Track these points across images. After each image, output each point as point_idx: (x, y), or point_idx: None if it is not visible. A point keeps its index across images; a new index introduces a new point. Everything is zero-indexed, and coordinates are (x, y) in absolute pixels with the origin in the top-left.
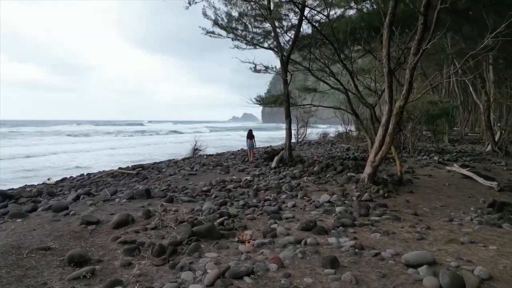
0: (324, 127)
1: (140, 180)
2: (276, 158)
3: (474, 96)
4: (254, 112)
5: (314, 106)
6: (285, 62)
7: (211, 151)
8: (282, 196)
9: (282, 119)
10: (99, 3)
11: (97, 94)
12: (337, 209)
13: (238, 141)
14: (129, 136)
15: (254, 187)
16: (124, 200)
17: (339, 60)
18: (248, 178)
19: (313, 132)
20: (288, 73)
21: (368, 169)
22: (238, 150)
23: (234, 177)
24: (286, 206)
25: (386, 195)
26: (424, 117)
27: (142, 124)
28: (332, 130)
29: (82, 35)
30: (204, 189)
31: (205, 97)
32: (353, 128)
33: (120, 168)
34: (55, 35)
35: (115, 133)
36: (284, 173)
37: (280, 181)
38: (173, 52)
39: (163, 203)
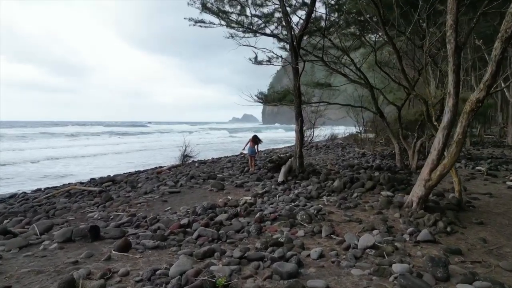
0: (335, 129)
1: (101, 202)
2: (283, 169)
3: (506, 93)
4: (254, 113)
5: (329, 103)
6: (296, 46)
7: (210, 154)
8: (298, 233)
9: (283, 120)
10: (98, 2)
11: (96, 95)
12: (395, 267)
13: (240, 144)
14: (136, 136)
15: (257, 215)
16: (55, 245)
17: (384, 33)
18: (248, 199)
19: (320, 135)
20: (300, 59)
21: (419, 190)
22: (237, 156)
23: (229, 197)
24: (309, 257)
25: (448, 229)
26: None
27: (144, 126)
28: (341, 132)
29: (81, 35)
30: (183, 222)
31: (205, 98)
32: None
33: (92, 179)
34: (54, 35)
35: (116, 136)
36: (296, 191)
37: (293, 204)
38: (173, 52)
39: (113, 252)
